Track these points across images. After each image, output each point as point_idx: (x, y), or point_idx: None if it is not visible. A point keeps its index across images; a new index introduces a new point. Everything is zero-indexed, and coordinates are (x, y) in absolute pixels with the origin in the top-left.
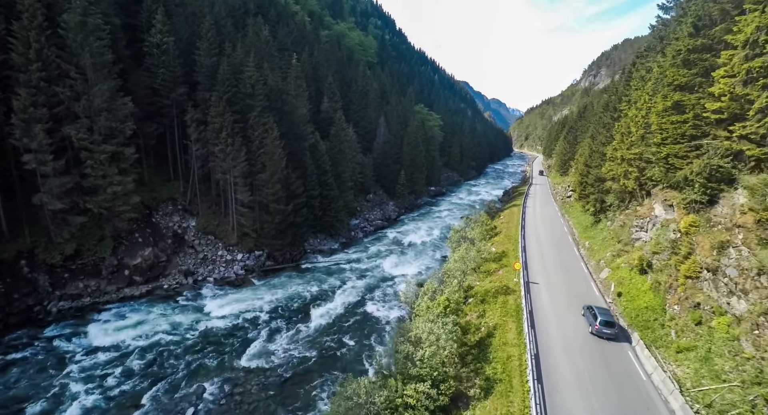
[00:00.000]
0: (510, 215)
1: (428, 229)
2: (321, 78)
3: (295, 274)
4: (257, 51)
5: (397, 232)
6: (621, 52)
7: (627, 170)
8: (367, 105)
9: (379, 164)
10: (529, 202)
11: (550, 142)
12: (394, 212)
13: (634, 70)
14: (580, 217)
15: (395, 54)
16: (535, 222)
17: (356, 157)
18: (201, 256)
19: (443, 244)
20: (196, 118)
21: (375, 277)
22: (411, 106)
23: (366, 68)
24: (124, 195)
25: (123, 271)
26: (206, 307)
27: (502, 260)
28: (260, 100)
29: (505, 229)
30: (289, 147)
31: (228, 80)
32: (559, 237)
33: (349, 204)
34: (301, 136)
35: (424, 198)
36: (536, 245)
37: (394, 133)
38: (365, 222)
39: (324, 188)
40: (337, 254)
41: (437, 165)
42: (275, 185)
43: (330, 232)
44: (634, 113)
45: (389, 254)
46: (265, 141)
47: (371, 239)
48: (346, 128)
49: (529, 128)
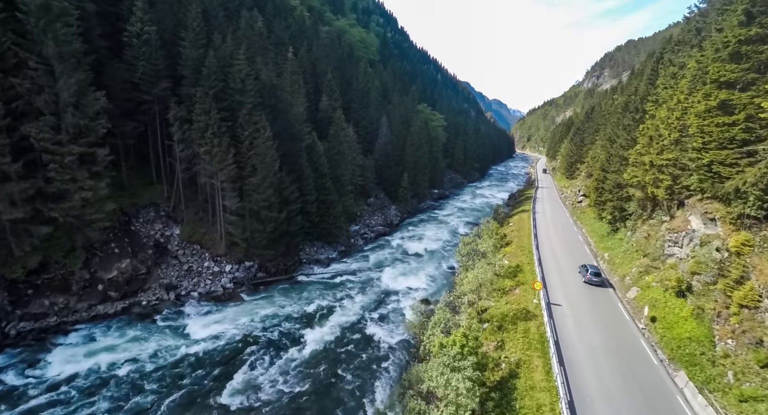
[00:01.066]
0: (520, 222)
1: (432, 235)
2: (320, 75)
3: (289, 287)
4: (250, 44)
5: (399, 238)
6: (625, 53)
7: (657, 178)
8: (368, 104)
9: (381, 166)
10: (538, 207)
11: (554, 143)
12: (396, 217)
13: (662, 67)
14: (594, 224)
15: (397, 52)
16: (546, 230)
17: (356, 159)
18: (185, 268)
19: (449, 252)
20: (179, 116)
21: (376, 291)
22: (414, 106)
23: (367, 66)
24: (97, 201)
25: (96, 286)
26: (187, 327)
27: (518, 276)
28: (251, 96)
29: (516, 238)
30: (283, 148)
31: (215, 74)
32: (574, 247)
33: (348, 209)
34: (297, 137)
35: (427, 201)
36: (551, 257)
37: (397, 134)
38: (366, 228)
39: (321, 193)
40: (335, 264)
41: (441, 167)
42: (267, 190)
43: (328, 239)
44: (665, 114)
45: (391, 264)
46: (256, 141)
47: (372, 247)
48: (346, 128)
49: (531, 129)
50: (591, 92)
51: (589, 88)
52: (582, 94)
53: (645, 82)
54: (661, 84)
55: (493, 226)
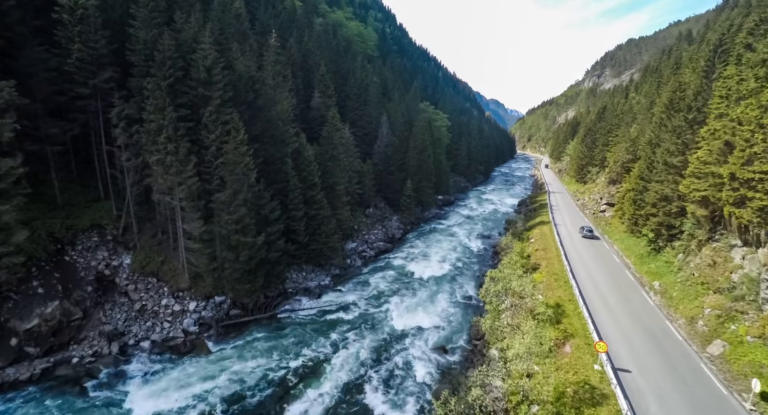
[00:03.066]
0: (542, 237)
1: (440, 252)
2: (311, 68)
3: (269, 330)
4: (224, 27)
5: (403, 257)
6: (626, 52)
7: (743, 195)
8: (367, 102)
9: (381, 171)
10: (557, 217)
11: (558, 144)
12: (399, 230)
13: (729, 56)
14: (626, 240)
15: (396, 49)
16: (574, 248)
17: (353, 164)
18: (137, 307)
19: (461, 274)
20: (125, 115)
21: (378, 334)
22: (416, 104)
23: (365, 60)
24: (1, 231)
25: (7, 340)
26: (127, 400)
27: (561, 320)
28: (219, 89)
29: (543, 259)
30: (263, 154)
31: (172, 60)
32: (613, 272)
33: (344, 224)
34: (281, 140)
35: (432, 210)
36: (593, 288)
37: (398, 135)
38: (364, 245)
39: (311, 207)
40: (327, 294)
41: (445, 170)
42: (239, 209)
43: (320, 261)
44: (754, 113)
45: (395, 294)
46: (225, 147)
47: (372, 268)
48: (342, 129)
49: (531, 129)
50: (593, 92)
51: (590, 88)
52: (583, 93)
53: (698, 76)
54: (731, 75)
55: (517, 247)
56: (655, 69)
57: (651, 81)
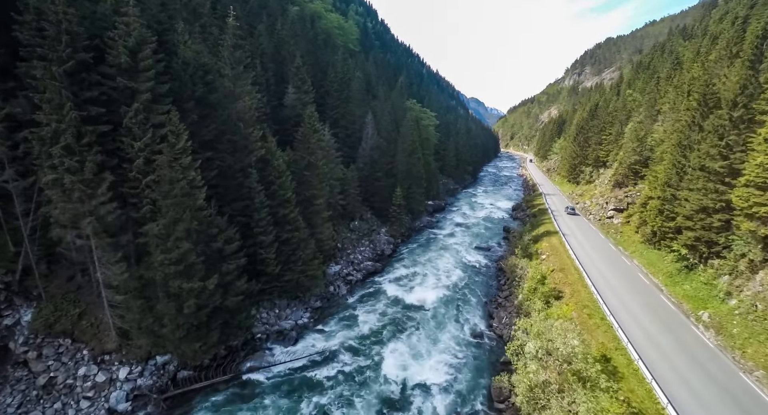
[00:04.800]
0: (553, 252)
1: (437, 271)
2: (285, 60)
3: (230, 397)
4: (166, 1)
5: (395, 281)
6: (605, 50)
7: None
8: (349, 99)
9: (366, 178)
10: (563, 227)
11: (544, 143)
12: (389, 244)
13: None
14: (647, 253)
15: (379, 44)
16: (595, 266)
17: (335, 171)
18: (41, 382)
19: (466, 303)
20: (4, 115)
21: (372, 398)
22: (402, 102)
23: (347, 55)
24: None
25: None
26: None
27: (616, 379)
28: (150, 79)
29: (566, 286)
30: (217, 166)
31: (71, 35)
32: (647, 297)
33: (325, 244)
34: (243, 146)
35: (423, 218)
36: (633, 323)
37: (386, 136)
38: (350, 267)
39: (283, 229)
40: (307, 337)
41: (435, 173)
42: (181, 244)
43: (297, 293)
44: None
45: (389, 333)
46: (158, 159)
47: (360, 297)
48: (321, 130)
49: (514, 127)
50: (575, 90)
51: (571, 86)
52: (565, 91)
53: (742, 67)
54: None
55: (531, 268)
56: (648, 65)
57: (644, 77)
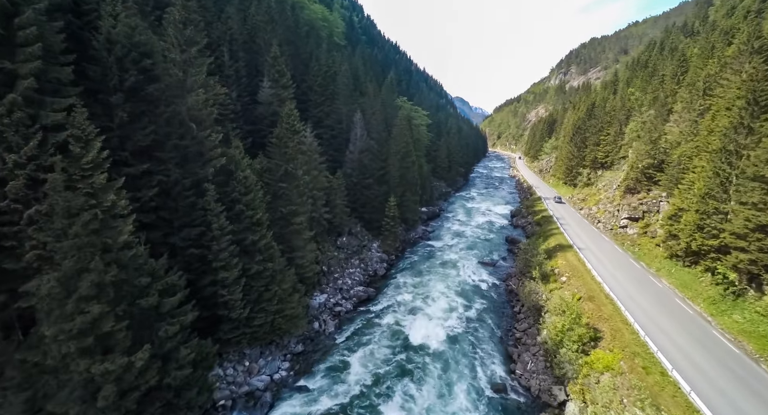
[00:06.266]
0: (574, 273)
1: (439, 296)
2: (260, 50)
3: None
4: None
5: (391, 309)
6: (590, 50)
7: None
8: (335, 95)
9: (355, 185)
10: (575, 238)
11: (534, 142)
12: (382, 263)
13: None
14: (676, 272)
15: (366, 39)
16: (624, 290)
17: (319, 180)
18: None
19: (479, 340)
20: None
21: None
22: (393, 99)
23: (332, 48)
24: None
25: None
26: None
27: None
28: (34, 56)
29: (603, 323)
30: (157, 182)
31: None
32: (700, 333)
33: (307, 272)
34: (197, 153)
35: (418, 228)
36: (700, 377)
37: (377, 138)
38: (338, 295)
39: (252, 259)
40: (285, 400)
41: (428, 177)
42: (88, 307)
43: (271, 338)
44: None
45: (388, 388)
46: (50, 180)
47: (350, 336)
48: (302, 130)
49: (501, 127)
50: (562, 89)
51: (558, 85)
52: (552, 90)
53: None
54: None
55: (558, 298)
56: (645, 63)
57: (643, 75)
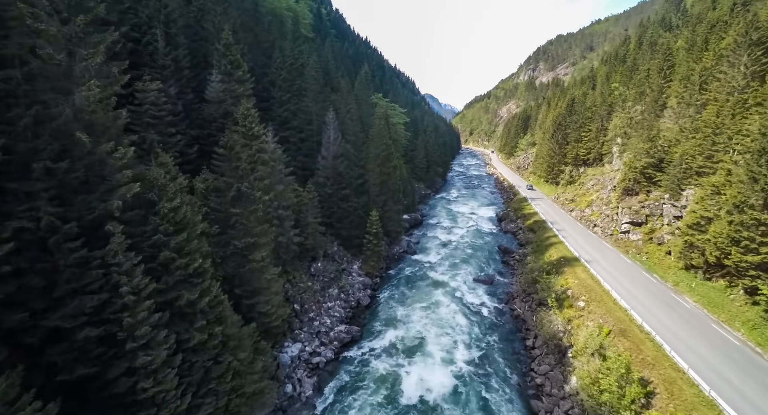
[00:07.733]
0: (590, 294)
1: (435, 328)
2: (208, 36)
3: None
4: None
5: (382, 352)
6: (557, 46)
7: None
8: (303, 91)
9: (330, 196)
10: (578, 248)
11: (509, 139)
12: (365, 289)
13: None
14: (701, 289)
15: (335, 32)
16: (652, 315)
17: (285, 196)
18: None
19: (489, 387)
20: None
21: None
22: (368, 95)
23: (299, 36)
24: None
25: None
26: None
27: None
28: None
29: (649, 369)
30: (16, 229)
31: None
32: (759, 374)
33: (272, 322)
34: (97, 176)
35: (401, 240)
36: None
37: (352, 140)
38: (315, 341)
39: (191, 326)
40: None
41: (409, 181)
42: None
43: (236, 408)
44: None
45: None
46: None
47: (334, 396)
48: (262, 135)
49: (473, 123)
50: (531, 85)
51: (527, 81)
52: (522, 86)
53: None
54: None
55: (588, 335)
56: (623, 58)
57: (622, 70)
